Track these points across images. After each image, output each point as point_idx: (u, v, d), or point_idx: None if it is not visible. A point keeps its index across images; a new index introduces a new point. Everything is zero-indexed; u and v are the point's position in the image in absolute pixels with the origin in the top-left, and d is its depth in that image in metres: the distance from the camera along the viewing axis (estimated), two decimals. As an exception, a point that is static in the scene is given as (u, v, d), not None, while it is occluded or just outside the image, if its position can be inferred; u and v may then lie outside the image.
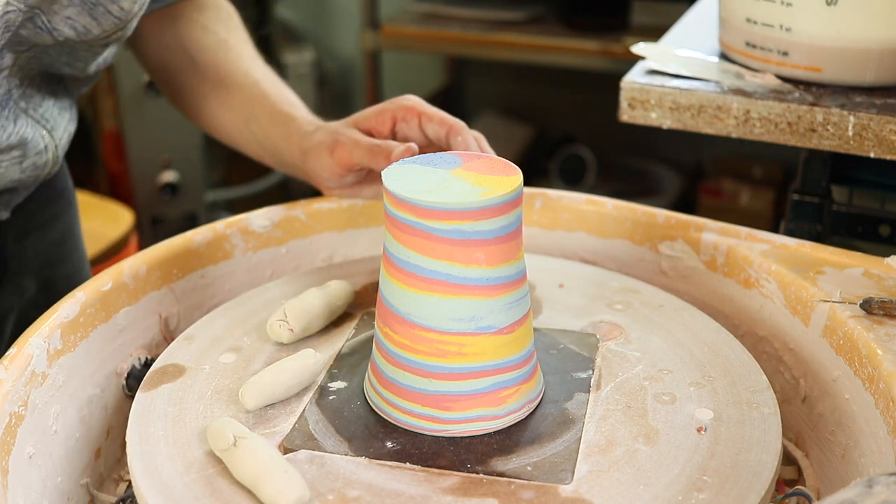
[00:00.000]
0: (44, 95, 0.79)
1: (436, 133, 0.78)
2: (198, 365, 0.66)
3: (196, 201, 2.32)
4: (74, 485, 0.66)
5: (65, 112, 0.82)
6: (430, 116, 0.78)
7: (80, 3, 0.70)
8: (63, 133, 0.81)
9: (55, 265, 0.92)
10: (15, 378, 0.61)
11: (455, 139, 0.76)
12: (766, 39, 0.93)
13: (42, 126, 0.78)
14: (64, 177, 0.96)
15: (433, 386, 0.59)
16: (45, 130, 0.78)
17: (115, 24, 0.73)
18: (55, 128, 0.80)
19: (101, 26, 0.72)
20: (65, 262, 0.94)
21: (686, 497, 0.54)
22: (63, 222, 0.94)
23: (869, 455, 0.62)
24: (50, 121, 0.79)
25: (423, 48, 2.43)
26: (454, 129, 0.77)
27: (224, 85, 0.88)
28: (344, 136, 0.78)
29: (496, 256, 0.57)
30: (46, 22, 0.70)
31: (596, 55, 2.15)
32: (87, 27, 0.72)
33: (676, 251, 0.80)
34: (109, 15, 0.72)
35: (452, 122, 0.77)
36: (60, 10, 0.70)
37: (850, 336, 0.65)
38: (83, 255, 0.99)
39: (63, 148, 0.82)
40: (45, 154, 0.79)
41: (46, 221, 0.91)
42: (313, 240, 0.85)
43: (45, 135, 0.78)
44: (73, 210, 0.97)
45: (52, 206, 0.92)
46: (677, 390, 0.63)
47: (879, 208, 1.02)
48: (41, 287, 0.90)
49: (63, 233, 0.94)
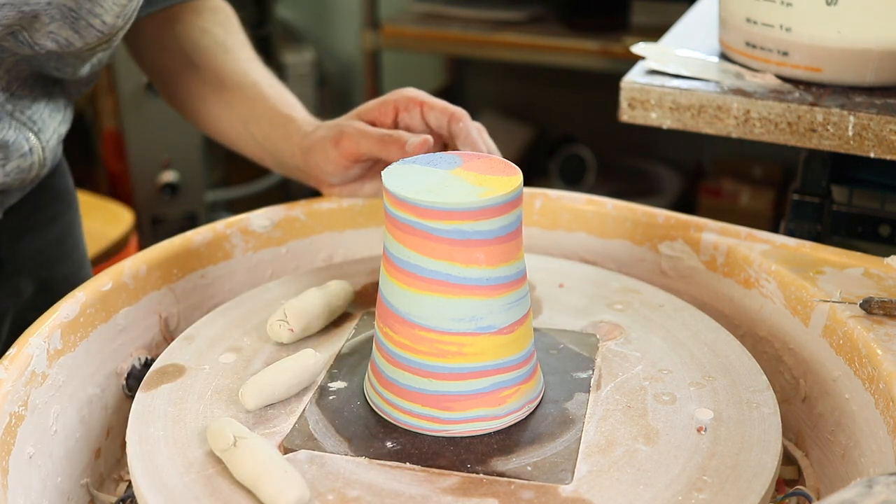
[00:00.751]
0: (35, 97, 0.79)
1: (438, 121, 0.78)
2: (198, 365, 0.66)
3: (196, 201, 2.32)
4: (74, 485, 0.66)
5: (56, 114, 0.81)
6: (431, 106, 0.78)
7: (62, 18, 0.69)
8: (52, 135, 0.80)
9: (53, 266, 0.92)
10: (15, 378, 0.61)
11: (456, 125, 0.76)
12: (766, 39, 0.93)
13: (28, 128, 0.77)
14: (63, 178, 0.95)
15: (433, 386, 0.59)
16: (31, 133, 0.77)
17: (98, 38, 0.73)
18: (43, 130, 0.79)
19: (84, 39, 0.72)
20: (63, 262, 0.94)
21: (686, 497, 0.54)
22: (62, 223, 0.94)
23: (869, 455, 0.62)
24: (38, 123, 0.79)
25: (423, 48, 2.43)
26: (456, 117, 0.77)
27: (223, 86, 0.88)
28: (349, 127, 0.78)
29: (496, 256, 0.57)
30: (28, 37, 0.70)
31: (596, 55, 2.15)
32: (69, 40, 0.71)
33: (676, 251, 0.80)
34: (92, 28, 0.71)
35: (454, 110, 0.77)
36: (41, 28, 0.70)
37: (850, 336, 0.65)
38: (84, 256, 0.99)
39: (52, 150, 0.81)
40: (30, 156, 0.78)
41: (44, 222, 0.91)
42: (313, 240, 0.85)
43: (30, 137, 0.77)
44: (72, 211, 0.97)
45: (51, 208, 0.92)
46: (677, 390, 0.63)
47: (879, 208, 1.02)
48: (39, 288, 0.90)
49: (61, 234, 0.94)
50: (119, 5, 0.71)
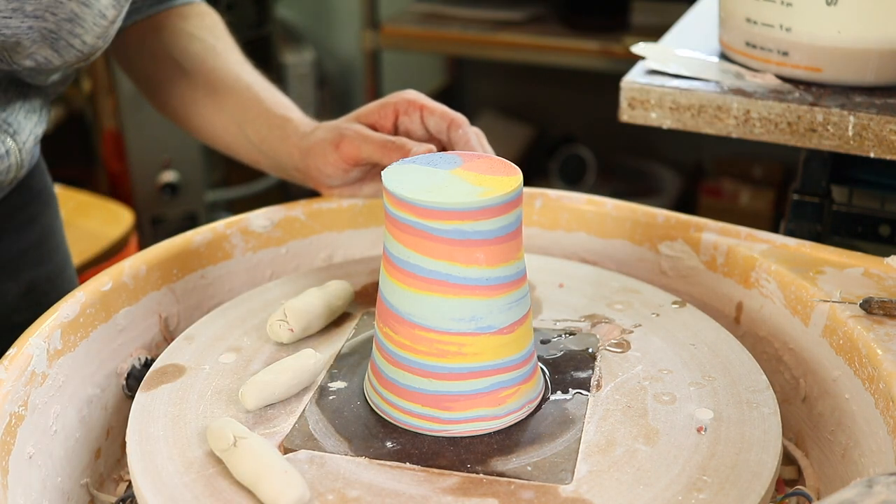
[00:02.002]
0: (10, 100, 0.78)
1: (437, 126, 0.78)
2: (198, 365, 0.66)
3: (196, 201, 2.32)
4: (74, 485, 0.66)
5: (32, 115, 0.81)
6: (431, 110, 0.78)
7: (42, 40, 0.69)
8: (28, 136, 0.80)
9: (35, 267, 0.91)
10: (15, 378, 0.61)
11: (456, 132, 0.76)
12: (766, 39, 0.93)
13: (4, 132, 0.77)
14: (41, 177, 0.94)
15: (433, 386, 0.59)
16: (7, 136, 0.77)
17: (77, 57, 0.72)
18: (19, 132, 0.79)
19: (64, 58, 0.72)
20: (45, 263, 0.92)
21: (686, 497, 0.54)
22: (41, 223, 0.92)
23: (869, 455, 0.62)
24: (13, 125, 0.78)
25: (423, 48, 2.43)
26: (455, 123, 0.77)
27: (215, 90, 0.87)
28: (349, 130, 0.78)
29: (496, 256, 0.57)
30: (9, 57, 0.70)
31: (596, 55, 2.15)
32: (48, 59, 0.71)
33: (676, 251, 0.80)
34: (72, 49, 0.71)
35: (454, 115, 0.77)
36: (23, 51, 0.70)
37: (850, 336, 0.65)
38: (66, 257, 0.97)
39: (28, 151, 0.81)
40: (7, 159, 0.77)
41: (22, 224, 0.89)
42: (313, 240, 0.85)
43: (6, 140, 0.77)
44: (51, 210, 0.95)
45: (29, 208, 0.90)
46: (677, 390, 0.63)
47: (879, 208, 1.02)
48: (23, 290, 0.89)
49: (42, 234, 0.92)
50: (101, 27, 0.71)
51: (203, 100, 0.88)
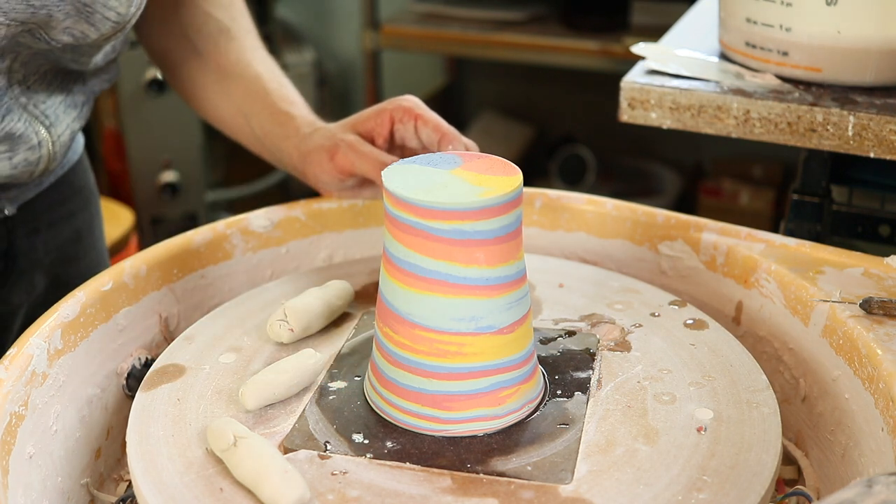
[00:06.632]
0: (52, 92, 0.79)
1: (429, 139, 0.78)
2: (198, 365, 0.66)
3: (196, 201, 2.32)
4: (74, 485, 0.66)
5: (72, 110, 0.82)
6: (425, 121, 0.78)
7: (77, 14, 0.70)
8: (65, 130, 0.81)
9: (67, 263, 0.92)
10: (15, 378, 0.61)
11: (446, 149, 0.76)
12: (766, 39, 0.93)
13: (40, 122, 0.78)
14: (83, 174, 0.95)
15: (433, 386, 0.59)
16: (42, 127, 0.78)
17: (113, 28, 0.73)
18: (55, 124, 0.79)
19: (100, 31, 0.72)
20: (79, 260, 0.93)
21: (686, 497, 0.54)
22: (79, 220, 0.94)
23: (869, 455, 0.62)
24: (50, 117, 0.79)
25: (423, 48, 2.43)
26: (447, 138, 0.77)
27: (225, 76, 0.88)
28: (343, 142, 0.78)
29: (496, 256, 0.58)
30: (44, 34, 0.70)
31: (596, 55, 2.15)
32: (84, 33, 0.72)
33: (676, 251, 0.80)
34: (107, 21, 0.72)
35: (446, 129, 0.77)
36: (57, 25, 0.70)
37: (849, 336, 0.65)
38: (101, 255, 0.98)
39: (63, 145, 0.81)
40: (38, 150, 0.78)
41: (60, 219, 0.91)
42: (313, 240, 0.85)
43: (41, 131, 0.78)
44: (91, 208, 0.96)
45: (67, 204, 0.92)
46: (677, 390, 0.63)
47: (879, 208, 1.02)
48: (52, 285, 0.90)
49: (78, 231, 0.93)
50: None
51: (213, 85, 0.88)
